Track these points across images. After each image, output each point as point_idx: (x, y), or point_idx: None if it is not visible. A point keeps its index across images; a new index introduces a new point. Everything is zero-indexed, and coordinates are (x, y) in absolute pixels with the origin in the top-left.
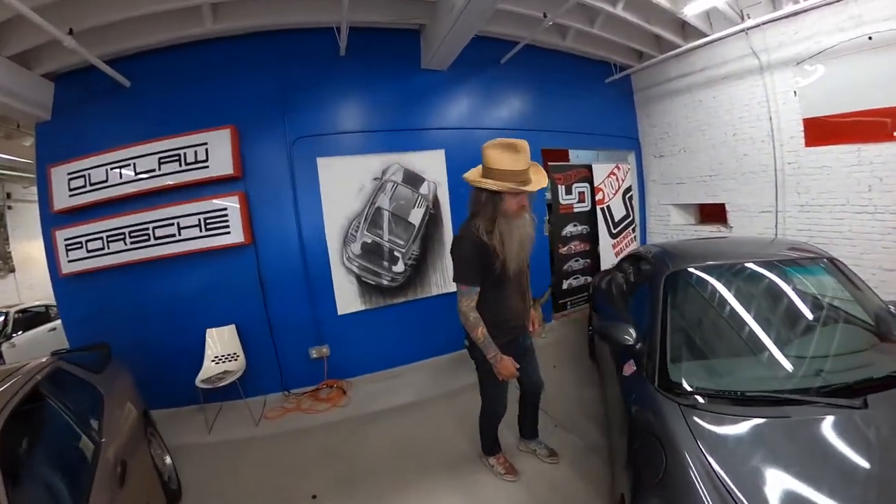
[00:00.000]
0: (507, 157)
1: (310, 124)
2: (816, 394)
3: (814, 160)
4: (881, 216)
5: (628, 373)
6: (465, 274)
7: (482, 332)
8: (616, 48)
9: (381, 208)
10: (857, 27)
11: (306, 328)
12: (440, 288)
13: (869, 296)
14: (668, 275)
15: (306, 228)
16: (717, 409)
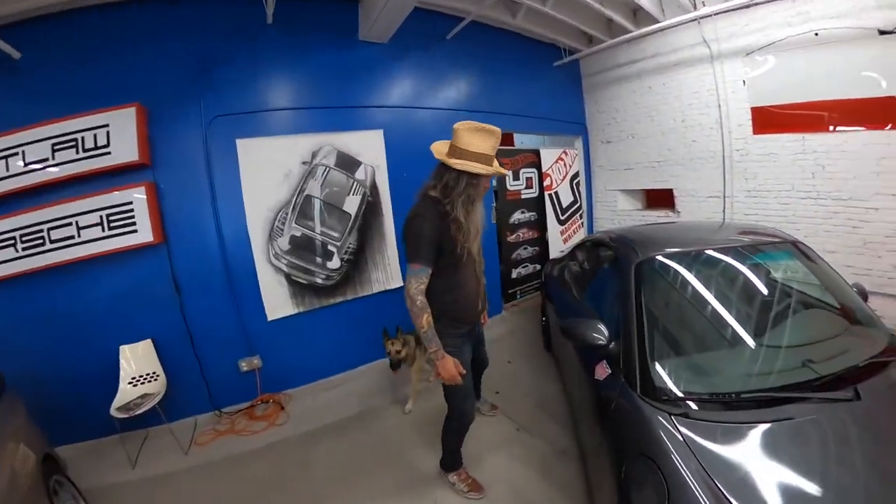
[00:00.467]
0: (480, 140)
1: (229, 101)
2: (810, 388)
3: (761, 147)
4: (823, 201)
5: (602, 376)
6: (419, 252)
7: (427, 321)
8: (567, 30)
9: (312, 196)
10: (804, 23)
11: (233, 338)
12: (382, 284)
13: (834, 278)
14: (638, 264)
15: (226, 222)
16: (712, 415)
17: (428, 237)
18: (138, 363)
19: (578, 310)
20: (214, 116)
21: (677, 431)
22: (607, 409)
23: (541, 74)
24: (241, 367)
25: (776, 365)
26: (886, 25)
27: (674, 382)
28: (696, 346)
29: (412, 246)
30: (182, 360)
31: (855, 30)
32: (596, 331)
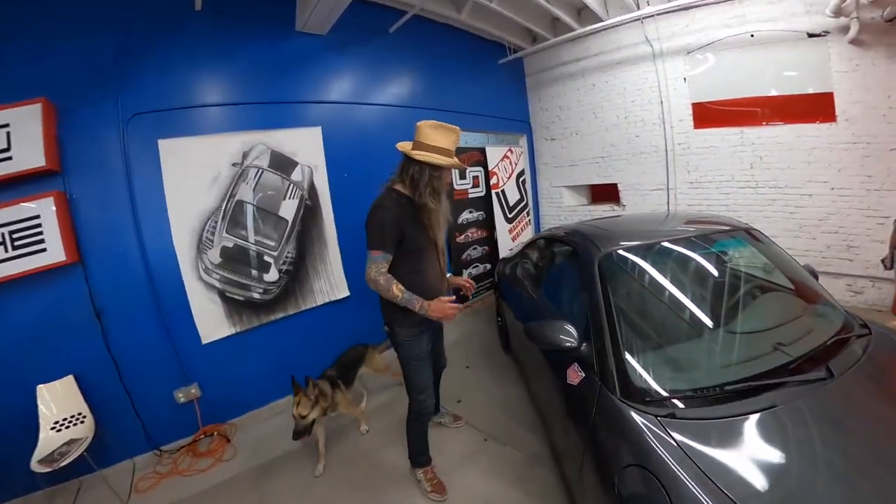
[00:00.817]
0: (440, 136)
1: (151, 97)
2: (787, 372)
3: (702, 141)
4: (762, 190)
5: (575, 381)
6: (379, 240)
7: (398, 289)
8: (512, 28)
9: (244, 202)
10: (741, 25)
11: (166, 366)
12: (326, 295)
13: (788, 261)
14: (601, 259)
15: (149, 234)
16: (699, 413)
17: (389, 225)
18: (60, 404)
19: (538, 309)
20: (133, 114)
21: (668, 436)
22: (587, 417)
23: (485, 72)
24: (177, 399)
25: (749, 352)
26: (814, 29)
27: (655, 382)
28: (668, 341)
29: (373, 233)
30: (110, 397)
31: (787, 32)
32: (564, 332)
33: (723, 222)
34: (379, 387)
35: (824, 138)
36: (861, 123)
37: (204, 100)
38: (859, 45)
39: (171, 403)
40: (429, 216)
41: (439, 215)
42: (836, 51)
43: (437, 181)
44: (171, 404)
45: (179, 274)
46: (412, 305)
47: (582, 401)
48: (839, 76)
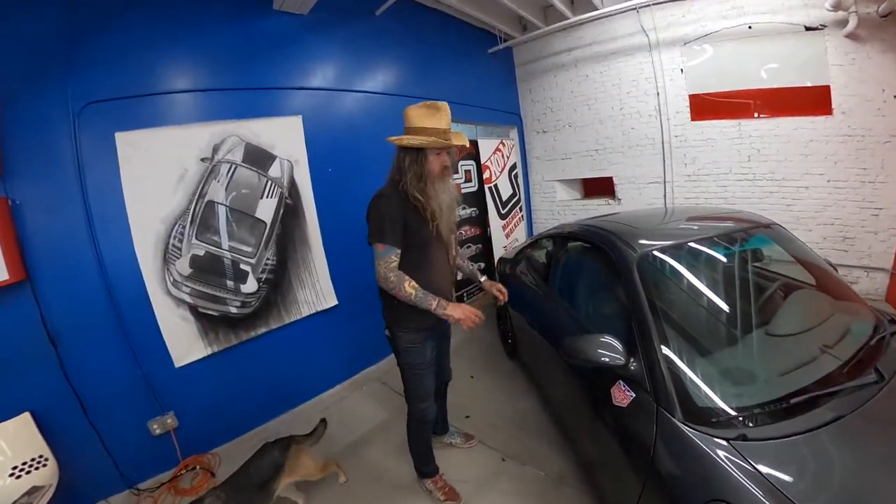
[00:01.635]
0: (428, 116)
1: (106, 83)
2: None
3: (699, 133)
4: (759, 182)
5: (624, 402)
6: (384, 232)
7: (411, 287)
8: (502, 16)
9: (215, 202)
10: (739, 16)
11: (136, 395)
12: (312, 306)
13: (812, 255)
14: (639, 259)
15: (107, 243)
16: (770, 432)
17: (391, 215)
18: (16, 447)
19: (557, 316)
20: (86, 104)
21: (748, 463)
22: (646, 446)
23: (475, 61)
24: (152, 430)
25: (800, 357)
26: (812, 22)
27: (719, 399)
28: (720, 351)
29: (375, 226)
30: (75, 434)
31: (784, 25)
32: (608, 349)
33: (744, 218)
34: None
35: (821, 131)
36: (856, 116)
37: (168, 86)
38: (855, 39)
39: (146, 436)
40: (424, 206)
41: (433, 204)
42: (832, 44)
43: (419, 166)
44: (146, 437)
45: (144, 288)
46: (427, 305)
47: (636, 427)
48: (835, 69)
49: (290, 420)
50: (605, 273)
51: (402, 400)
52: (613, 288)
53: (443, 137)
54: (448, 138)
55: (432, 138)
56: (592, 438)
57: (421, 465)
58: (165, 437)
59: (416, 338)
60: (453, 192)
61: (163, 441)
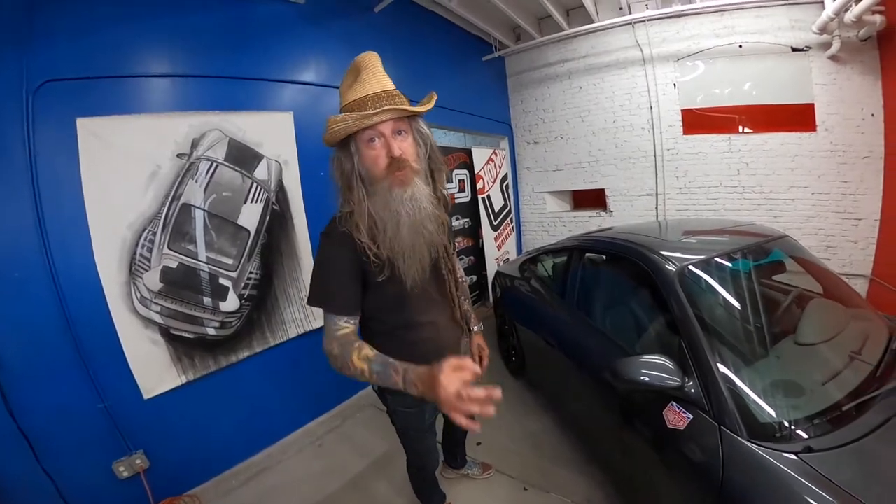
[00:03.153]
0: (350, 85)
1: (70, 58)
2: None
3: (691, 147)
4: (748, 195)
5: (680, 424)
6: (321, 292)
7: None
8: (498, 24)
9: (192, 206)
10: (730, 35)
11: (98, 432)
12: (300, 325)
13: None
14: (679, 274)
15: (61, 251)
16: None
17: (335, 266)
18: None
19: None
20: (44, 81)
21: (819, 473)
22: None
23: (469, 68)
24: (118, 473)
25: (835, 364)
26: (798, 44)
27: (777, 413)
28: (763, 365)
29: (314, 282)
30: (24, 481)
31: (772, 45)
32: (665, 370)
33: (758, 231)
34: None
35: (805, 146)
36: (838, 133)
37: (143, 68)
38: (837, 61)
39: (111, 480)
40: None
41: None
42: (816, 65)
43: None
44: (111, 481)
45: (105, 305)
46: (394, 382)
47: (699, 449)
48: (819, 89)
49: (277, 453)
50: (636, 287)
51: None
52: (647, 302)
53: (365, 108)
54: (378, 107)
55: (348, 115)
56: (638, 462)
57: (426, 500)
58: (134, 480)
59: (410, 401)
60: (424, 199)
61: (131, 485)
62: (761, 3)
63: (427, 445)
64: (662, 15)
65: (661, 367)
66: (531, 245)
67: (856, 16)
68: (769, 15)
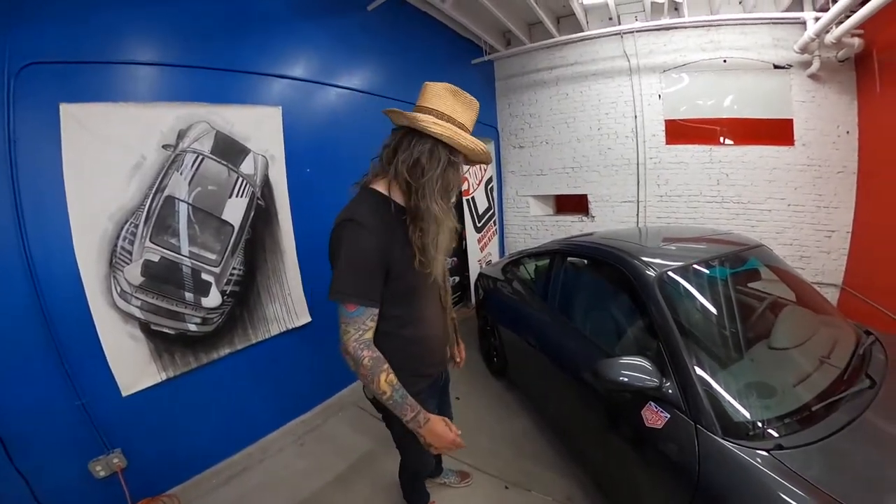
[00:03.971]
0: (462, 108)
1: (55, 41)
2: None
3: (673, 156)
4: (727, 205)
5: (658, 423)
6: (353, 282)
7: (387, 382)
8: (490, 28)
9: (175, 199)
10: (715, 50)
11: (74, 431)
12: (283, 323)
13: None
14: (658, 279)
15: (39, 242)
16: (801, 439)
17: (366, 255)
18: None
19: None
20: (27, 64)
21: (790, 469)
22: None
23: (459, 71)
24: (95, 473)
25: (805, 367)
26: (780, 61)
27: (750, 413)
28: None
29: (342, 273)
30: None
31: (756, 61)
32: (644, 371)
33: (735, 240)
34: None
35: (783, 160)
36: (815, 148)
37: (131, 54)
38: (816, 79)
39: (88, 480)
40: (428, 232)
41: (445, 230)
42: (796, 82)
43: (454, 174)
44: (88, 481)
45: (84, 299)
46: (403, 413)
47: (676, 447)
48: (798, 105)
49: (258, 452)
50: (616, 291)
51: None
52: (627, 306)
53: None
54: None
55: (477, 144)
56: (618, 460)
57: (413, 500)
58: (111, 480)
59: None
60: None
61: (108, 484)
62: (746, 21)
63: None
64: (651, 27)
65: (639, 368)
66: (514, 247)
67: (836, 38)
68: (754, 32)
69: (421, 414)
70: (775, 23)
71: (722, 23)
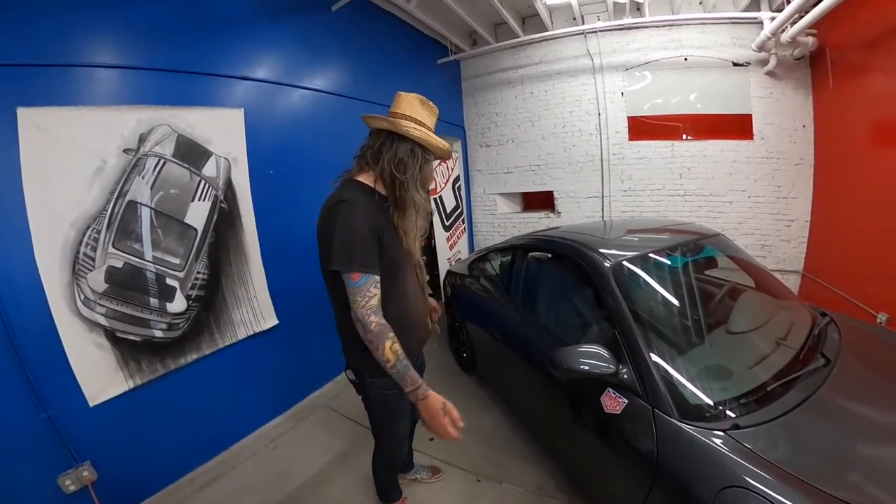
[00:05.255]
0: (428, 114)
1: (11, 43)
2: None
3: (636, 152)
4: (690, 198)
5: (616, 409)
6: (357, 253)
7: (392, 350)
8: (455, 28)
9: (138, 203)
10: (677, 49)
11: (40, 444)
12: (249, 327)
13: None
14: (613, 269)
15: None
16: (758, 418)
17: (362, 230)
18: None
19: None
20: None
21: (746, 447)
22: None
23: (424, 71)
24: (65, 488)
25: (762, 349)
26: (739, 59)
27: (706, 395)
28: (694, 352)
29: (341, 247)
30: None
31: (715, 59)
32: (600, 359)
33: (694, 230)
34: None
35: (743, 153)
36: (773, 141)
37: (90, 57)
38: (773, 76)
39: (56, 496)
40: (409, 216)
41: (423, 214)
42: (754, 79)
43: (429, 168)
44: (57, 497)
45: (47, 307)
46: (405, 383)
47: (634, 431)
48: (756, 101)
49: (231, 458)
50: (575, 283)
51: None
52: (585, 296)
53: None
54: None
55: (444, 145)
56: (582, 448)
57: (383, 490)
58: (82, 494)
59: (392, 382)
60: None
61: (79, 499)
62: (706, 21)
63: (402, 431)
64: (613, 27)
65: (596, 355)
66: (483, 245)
67: (791, 36)
68: (713, 32)
69: (421, 388)
70: (734, 22)
71: (683, 22)
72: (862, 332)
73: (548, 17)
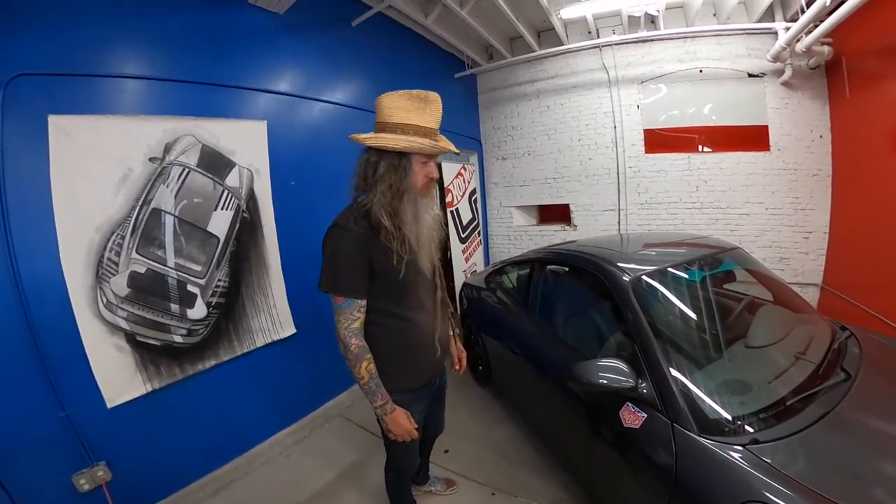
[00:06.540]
0: (415, 110)
1: (45, 52)
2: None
3: (652, 165)
4: (707, 210)
5: (635, 423)
6: (338, 278)
7: (367, 370)
8: (471, 43)
9: (162, 211)
10: (692, 61)
11: (58, 443)
12: (268, 335)
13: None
14: (633, 283)
15: (25, 252)
16: (777, 433)
17: (347, 254)
18: None
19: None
20: (17, 75)
21: (765, 462)
22: (667, 464)
23: (441, 85)
24: (79, 487)
25: (781, 364)
26: (754, 70)
27: (725, 410)
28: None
29: (328, 271)
30: None
31: (731, 71)
32: (619, 373)
33: (712, 243)
34: None
35: (760, 164)
36: (790, 152)
37: (119, 68)
38: (789, 87)
39: (71, 494)
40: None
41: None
42: (770, 90)
43: (397, 175)
44: (71, 495)
45: (70, 310)
46: (374, 398)
47: (653, 446)
48: (772, 112)
49: (244, 465)
50: (593, 297)
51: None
52: (604, 310)
53: (433, 139)
54: (432, 137)
55: (421, 140)
56: (599, 462)
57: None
58: (96, 494)
59: (401, 399)
60: (436, 210)
61: (93, 498)
62: (721, 32)
63: (414, 446)
64: (629, 40)
65: (615, 369)
66: (498, 257)
67: (806, 46)
68: (728, 43)
69: (389, 404)
70: (748, 33)
71: (698, 34)
72: (883, 346)
73: (563, 31)
